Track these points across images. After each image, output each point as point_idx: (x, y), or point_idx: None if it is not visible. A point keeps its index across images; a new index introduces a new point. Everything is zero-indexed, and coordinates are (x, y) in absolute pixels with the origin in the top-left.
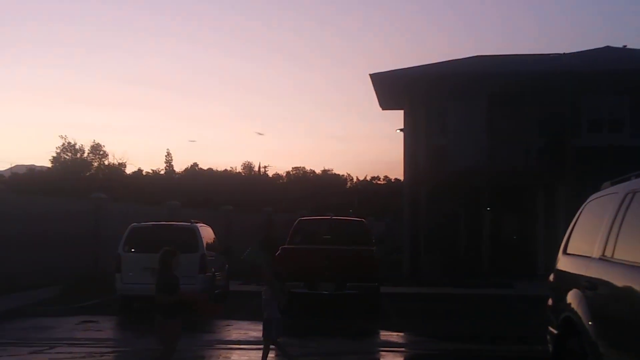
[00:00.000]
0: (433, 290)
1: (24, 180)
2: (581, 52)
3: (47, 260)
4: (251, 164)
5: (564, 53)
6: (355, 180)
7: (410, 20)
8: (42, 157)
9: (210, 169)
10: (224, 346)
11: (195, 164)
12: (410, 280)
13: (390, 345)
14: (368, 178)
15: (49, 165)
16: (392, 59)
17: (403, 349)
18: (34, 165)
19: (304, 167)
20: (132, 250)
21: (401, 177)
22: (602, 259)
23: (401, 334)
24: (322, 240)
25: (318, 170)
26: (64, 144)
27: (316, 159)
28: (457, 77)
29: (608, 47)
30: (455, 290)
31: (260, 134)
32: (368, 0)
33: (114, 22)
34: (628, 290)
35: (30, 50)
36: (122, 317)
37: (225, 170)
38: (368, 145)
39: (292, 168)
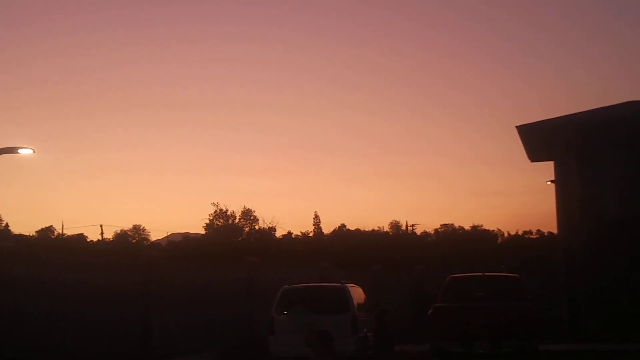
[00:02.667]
0: (596, 347)
1: (179, 248)
2: None
3: (205, 325)
4: (399, 223)
5: None
6: (506, 235)
7: (557, 68)
8: (196, 224)
9: (357, 230)
10: None
11: (343, 225)
12: (570, 336)
13: None
14: (520, 233)
15: (203, 232)
16: (535, 110)
17: None
18: (188, 232)
19: (452, 224)
20: (285, 311)
21: (554, 230)
22: None
23: None
24: (475, 298)
25: (467, 227)
26: (216, 211)
27: (465, 216)
28: (609, 124)
29: None
30: (619, 346)
31: (551, 181)
32: (514, 52)
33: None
34: None
35: (176, 117)
36: None
37: (373, 230)
38: (518, 199)
39: (441, 225)
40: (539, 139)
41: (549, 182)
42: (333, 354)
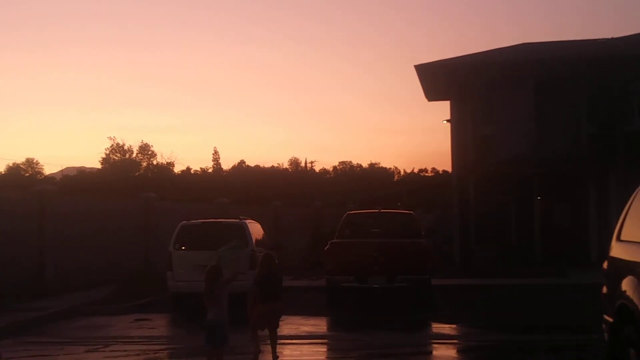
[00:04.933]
0: (485, 282)
1: (74, 182)
2: (631, 35)
3: (99, 260)
4: (298, 160)
5: (612, 37)
6: (402, 173)
7: (453, 10)
8: (92, 158)
9: (257, 166)
10: None
11: (243, 162)
12: (461, 271)
13: (442, 337)
14: (415, 170)
15: (99, 166)
16: (437, 50)
17: (456, 341)
18: (84, 167)
19: (350, 162)
20: (183, 247)
21: (449, 169)
22: None
23: (453, 326)
24: (371, 234)
25: (365, 164)
26: (112, 145)
27: (363, 153)
28: (503, 65)
29: None
30: (507, 281)
31: (447, 121)
32: None
33: (156, 22)
34: None
35: (77, 51)
36: (174, 314)
37: (273, 166)
38: (415, 138)
39: (339, 162)
40: (436, 79)
41: (445, 122)
42: (226, 292)
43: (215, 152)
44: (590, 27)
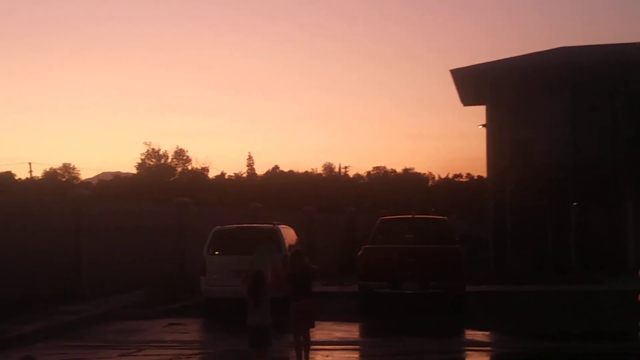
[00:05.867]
0: (520, 288)
1: (110, 187)
2: None
3: (134, 264)
4: (332, 165)
5: None
6: (437, 178)
7: (490, 14)
8: (127, 164)
9: (291, 171)
10: None
11: (277, 167)
12: (496, 277)
13: (476, 344)
14: (450, 176)
15: (135, 171)
16: (473, 54)
17: (489, 348)
18: (120, 172)
19: (384, 167)
20: (217, 252)
21: (484, 174)
22: None
23: (487, 332)
24: (404, 240)
25: (399, 170)
26: (148, 150)
27: (397, 158)
28: (540, 69)
29: None
30: (543, 287)
31: (483, 126)
32: None
33: (192, 24)
34: None
35: (115, 55)
36: (207, 319)
37: (306, 171)
38: (450, 143)
39: (373, 168)
40: (472, 83)
41: (481, 127)
42: (266, 294)
43: (250, 157)
44: (629, 31)
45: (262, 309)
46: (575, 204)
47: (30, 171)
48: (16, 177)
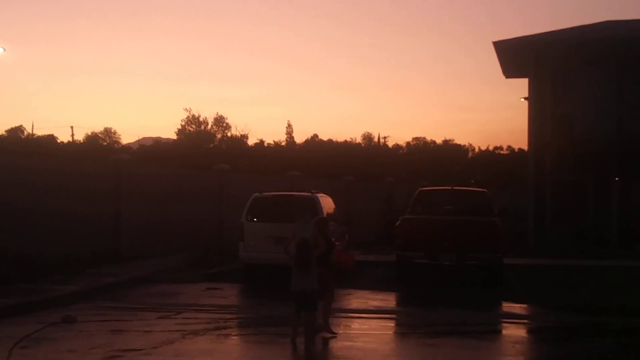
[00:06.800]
0: (559, 262)
1: (151, 152)
2: None
3: (173, 228)
4: (371, 135)
5: None
6: (477, 150)
7: None
8: (168, 129)
9: (330, 140)
10: (344, 315)
11: (316, 135)
12: (535, 251)
13: (513, 317)
14: (490, 148)
15: (175, 137)
16: (516, 26)
17: (526, 321)
18: (160, 137)
19: (424, 138)
20: (255, 219)
21: (525, 147)
22: None
23: (524, 305)
24: (443, 211)
25: (439, 141)
26: (188, 116)
27: (437, 129)
28: (585, 43)
29: None
30: (582, 262)
31: (525, 99)
32: None
33: None
34: None
35: (157, 22)
36: (245, 284)
37: (345, 141)
38: (491, 115)
39: (413, 138)
40: (515, 56)
41: (523, 99)
42: (312, 261)
43: (289, 126)
44: None
45: (308, 275)
46: (617, 178)
47: (72, 135)
48: (58, 140)
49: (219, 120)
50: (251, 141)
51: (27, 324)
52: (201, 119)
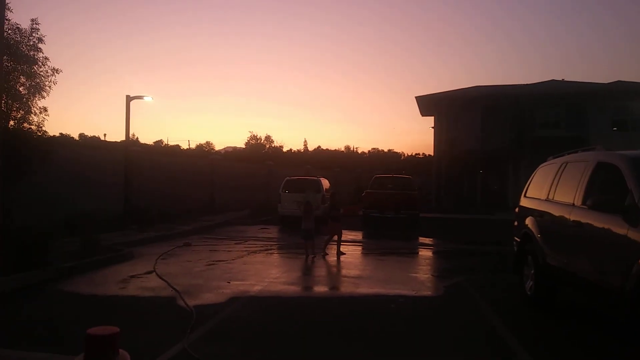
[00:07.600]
0: (448, 215)
1: (231, 155)
2: (536, 83)
3: (242, 198)
4: (349, 146)
5: (526, 84)
6: (406, 155)
7: (443, 52)
8: (240, 141)
9: (327, 149)
10: (333, 244)
11: (319, 146)
12: (435, 209)
13: (424, 245)
14: (413, 154)
15: (244, 146)
16: (430, 84)
17: (432, 247)
18: (236, 147)
19: (378, 148)
20: (287, 191)
21: (432, 154)
22: (547, 200)
23: (430, 239)
24: (388, 187)
25: (386, 150)
26: (250, 135)
27: (385, 143)
28: (464, 98)
29: (553, 80)
30: (461, 216)
31: (432, 127)
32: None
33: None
34: (559, 217)
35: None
36: (281, 226)
37: (336, 149)
38: (414, 136)
39: (372, 148)
40: (427, 104)
41: (431, 128)
42: (313, 215)
43: (305, 142)
44: (518, 75)
45: (309, 221)
46: (481, 171)
47: (189, 144)
48: (181, 147)
49: (268, 137)
50: (285, 149)
51: (164, 247)
52: (257, 136)
